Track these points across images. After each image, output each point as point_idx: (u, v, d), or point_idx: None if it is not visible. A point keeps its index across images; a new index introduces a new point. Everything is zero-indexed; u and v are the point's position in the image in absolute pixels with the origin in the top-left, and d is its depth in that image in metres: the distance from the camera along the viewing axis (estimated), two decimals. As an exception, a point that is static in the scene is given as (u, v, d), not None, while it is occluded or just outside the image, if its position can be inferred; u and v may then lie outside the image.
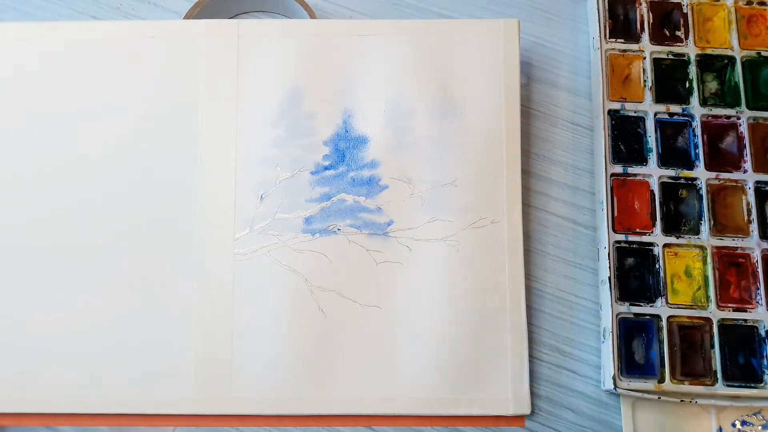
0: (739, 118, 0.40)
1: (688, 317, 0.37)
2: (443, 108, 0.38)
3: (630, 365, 0.36)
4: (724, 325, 0.36)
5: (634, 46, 0.41)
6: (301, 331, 0.36)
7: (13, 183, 0.38)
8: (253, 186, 0.38)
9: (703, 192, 0.38)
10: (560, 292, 0.39)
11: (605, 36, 0.41)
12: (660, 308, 0.37)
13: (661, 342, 0.36)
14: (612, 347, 0.36)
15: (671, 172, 0.39)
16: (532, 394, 0.37)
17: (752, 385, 0.36)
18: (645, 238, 0.38)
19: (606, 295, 0.37)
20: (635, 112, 0.40)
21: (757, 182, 0.38)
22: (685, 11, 0.42)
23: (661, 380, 0.35)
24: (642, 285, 0.37)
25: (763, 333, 0.36)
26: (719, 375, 0.36)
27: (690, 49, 0.41)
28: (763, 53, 0.41)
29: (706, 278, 0.37)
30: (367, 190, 0.38)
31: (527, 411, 0.36)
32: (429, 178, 0.38)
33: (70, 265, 0.37)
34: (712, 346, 0.36)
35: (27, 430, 0.37)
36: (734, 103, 0.40)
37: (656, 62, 0.41)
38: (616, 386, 0.35)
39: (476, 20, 0.40)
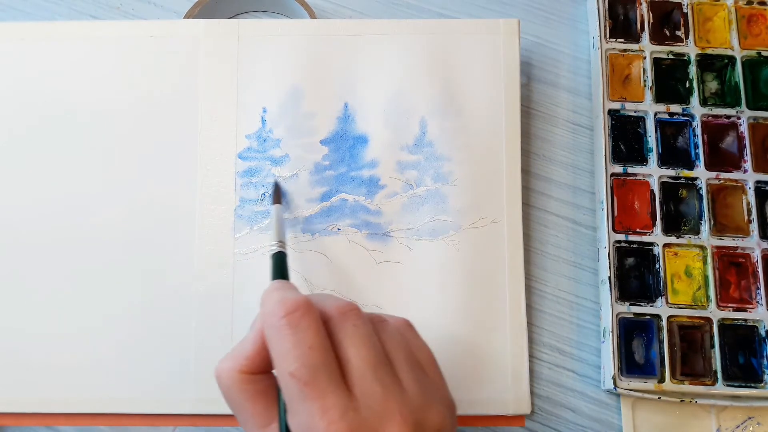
0: (739, 118, 0.40)
1: (688, 317, 0.37)
2: (443, 108, 0.38)
3: (630, 365, 0.36)
4: (724, 325, 0.36)
5: (634, 46, 0.41)
6: (301, 331, 0.36)
7: (12, 182, 0.38)
8: (253, 186, 0.38)
9: (703, 192, 0.38)
10: (560, 292, 0.39)
11: (605, 36, 0.41)
12: (660, 308, 0.37)
13: (661, 342, 0.36)
14: (612, 347, 0.36)
15: (671, 172, 0.39)
16: (532, 394, 0.37)
17: (752, 385, 0.35)
18: (645, 238, 0.38)
19: (606, 295, 0.37)
20: (635, 112, 0.40)
21: (757, 182, 0.38)
22: (685, 11, 0.42)
23: (661, 380, 0.35)
24: (642, 285, 0.37)
25: (763, 333, 0.36)
26: (719, 375, 0.36)
27: (690, 49, 0.41)
28: (764, 53, 0.41)
29: (706, 278, 0.37)
30: (367, 189, 0.38)
31: (527, 411, 0.36)
32: (429, 178, 0.38)
33: (69, 265, 0.37)
34: (712, 346, 0.36)
35: (27, 430, 0.37)
36: (734, 103, 0.40)
37: (656, 62, 0.41)
38: (616, 386, 0.35)
39: (476, 20, 0.40)
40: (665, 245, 0.38)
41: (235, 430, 0.36)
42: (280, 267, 0.31)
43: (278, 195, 0.37)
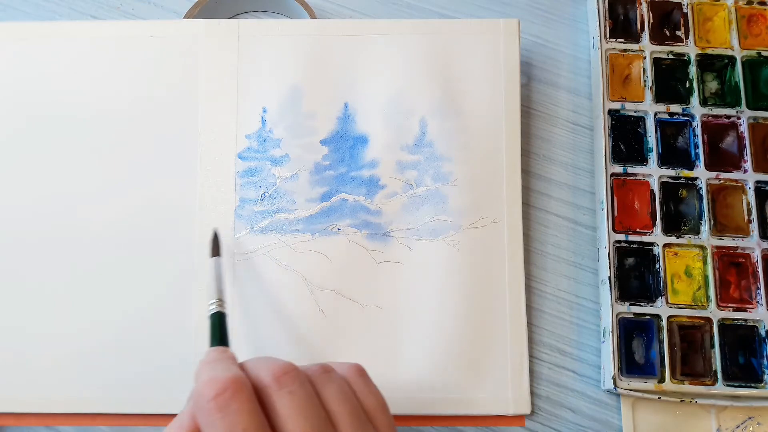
0: (739, 118, 0.40)
1: (688, 317, 0.37)
2: (443, 108, 0.38)
3: (630, 365, 0.36)
4: (724, 325, 0.36)
5: (634, 46, 0.41)
6: (301, 331, 0.36)
7: (11, 182, 0.38)
8: (253, 186, 0.38)
9: (703, 192, 0.38)
10: (560, 292, 0.39)
11: (605, 36, 0.41)
12: (660, 308, 0.37)
13: (661, 342, 0.36)
14: (612, 347, 0.36)
15: (671, 172, 0.39)
16: (532, 394, 0.37)
17: (752, 385, 0.35)
18: (645, 238, 0.38)
19: (606, 295, 0.37)
20: (635, 112, 0.40)
21: (757, 182, 0.38)
22: (685, 11, 0.42)
23: (661, 380, 0.35)
24: (642, 285, 0.37)
25: (763, 333, 0.36)
26: (719, 375, 0.36)
27: (690, 49, 0.41)
28: (764, 53, 0.41)
29: (706, 278, 0.37)
30: (367, 189, 0.38)
31: (527, 411, 0.36)
32: (429, 178, 0.38)
33: (69, 266, 0.37)
34: (712, 346, 0.36)
35: (27, 430, 0.37)
36: (734, 103, 0.40)
37: (656, 62, 0.41)
38: (616, 386, 0.35)
39: (476, 20, 0.40)
40: (665, 245, 0.38)
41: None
42: (219, 331, 0.30)
43: (217, 246, 0.35)
